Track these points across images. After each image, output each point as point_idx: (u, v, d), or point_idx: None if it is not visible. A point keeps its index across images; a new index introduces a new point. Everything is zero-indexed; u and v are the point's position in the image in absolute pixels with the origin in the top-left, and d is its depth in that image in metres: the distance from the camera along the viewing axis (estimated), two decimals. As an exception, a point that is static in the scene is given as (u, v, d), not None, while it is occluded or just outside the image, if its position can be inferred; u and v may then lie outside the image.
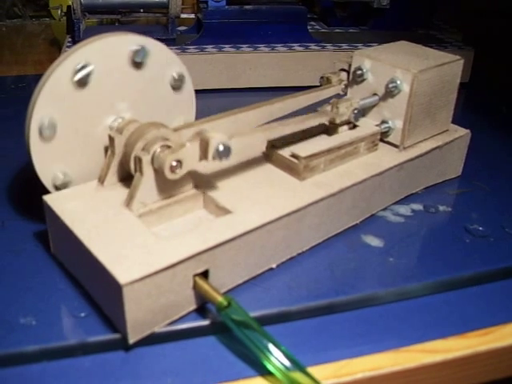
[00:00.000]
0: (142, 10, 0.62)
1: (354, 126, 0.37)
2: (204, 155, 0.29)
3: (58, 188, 0.31)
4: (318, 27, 0.67)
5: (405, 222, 0.36)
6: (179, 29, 0.61)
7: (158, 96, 0.33)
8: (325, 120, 0.35)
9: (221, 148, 0.28)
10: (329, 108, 0.36)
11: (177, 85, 0.34)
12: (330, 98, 0.37)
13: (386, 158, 0.36)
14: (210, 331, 0.27)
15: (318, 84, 0.39)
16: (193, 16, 0.64)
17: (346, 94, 0.39)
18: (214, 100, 0.53)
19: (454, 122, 0.40)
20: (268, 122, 0.34)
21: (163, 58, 0.33)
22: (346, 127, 0.36)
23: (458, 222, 0.37)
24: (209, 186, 0.32)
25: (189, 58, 0.54)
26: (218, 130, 0.32)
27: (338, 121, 0.35)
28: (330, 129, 0.36)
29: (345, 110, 0.35)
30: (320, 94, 0.38)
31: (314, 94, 0.37)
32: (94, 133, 0.31)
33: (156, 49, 0.32)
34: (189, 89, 0.35)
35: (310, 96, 0.37)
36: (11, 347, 0.26)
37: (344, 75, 0.39)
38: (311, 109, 0.36)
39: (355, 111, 0.36)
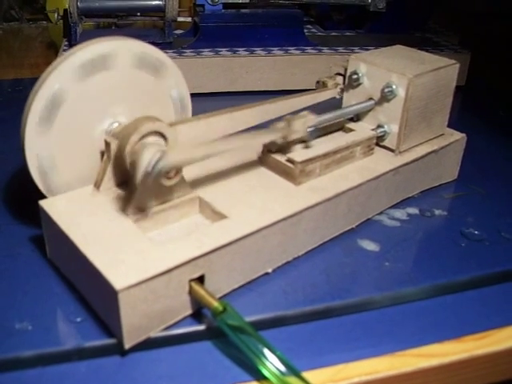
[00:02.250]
0: (138, 14, 0.62)
1: (350, 131, 0.37)
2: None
3: (42, 175, 0.31)
4: (314, 30, 0.67)
5: (401, 226, 0.36)
6: (176, 32, 0.61)
7: (159, 112, 0.33)
8: (277, 137, 0.33)
9: (149, 168, 0.27)
10: (282, 124, 0.33)
11: (178, 106, 0.34)
12: (326, 101, 0.38)
13: (381, 162, 0.36)
14: (205, 336, 0.27)
15: (314, 88, 0.39)
16: (189, 19, 0.64)
17: (341, 98, 0.39)
18: (210, 103, 0.53)
19: (449, 125, 0.40)
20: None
21: (174, 79, 0.33)
22: (299, 146, 0.35)
23: (454, 225, 0.37)
24: (205, 191, 0.32)
25: (185, 61, 0.54)
26: (215, 127, 0.32)
27: (290, 138, 0.33)
28: (283, 147, 0.34)
29: (299, 127, 0.33)
30: (317, 97, 0.38)
31: (310, 95, 0.37)
32: (91, 128, 0.31)
33: (170, 67, 0.33)
34: (169, 65, 0.34)
35: (306, 98, 0.37)
36: (7, 352, 0.26)
37: (340, 79, 0.39)
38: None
39: (310, 129, 0.34)
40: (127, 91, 0.32)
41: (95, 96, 0.31)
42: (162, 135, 0.30)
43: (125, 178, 0.31)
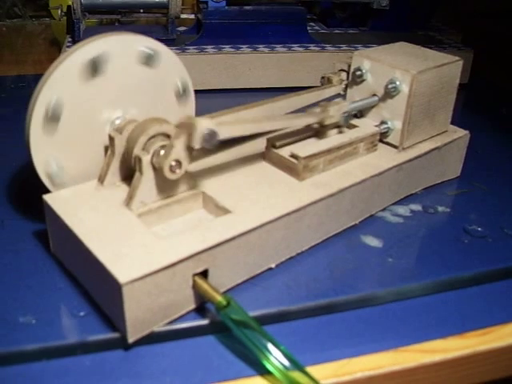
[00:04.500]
0: (141, 11, 0.62)
1: (354, 127, 0.37)
2: (191, 141, 0.28)
3: (50, 178, 0.31)
4: (317, 28, 0.67)
5: (404, 223, 0.36)
6: (179, 29, 0.62)
7: (162, 103, 0.34)
8: (314, 120, 0.35)
9: (206, 132, 0.28)
10: (318, 110, 0.35)
11: (181, 95, 0.34)
12: (331, 97, 0.38)
13: (385, 158, 0.36)
14: (209, 330, 0.28)
15: (318, 85, 0.39)
16: (193, 16, 0.64)
17: (345, 95, 0.39)
18: (213, 100, 0.53)
19: (453, 122, 0.40)
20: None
21: (173, 67, 0.33)
22: (335, 131, 0.36)
23: (457, 222, 0.37)
24: (208, 186, 0.32)
25: (188, 58, 0.54)
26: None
27: (327, 122, 0.35)
28: (319, 131, 0.36)
29: (335, 113, 0.35)
30: (322, 94, 0.38)
31: (315, 93, 0.37)
32: (95, 125, 0.32)
33: (167, 56, 0.33)
34: (191, 102, 0.35)
35: (311, 95, 0.37)
36: (11, 346, 0.26)
37: (344, 75, 0.39)
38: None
39: (345, 114, 0.35)
40: (127, 85, 0.32)
41: (95, 96, 0.31)
42: (169, 137, 0.30)
43: (129, 172, 0.31)
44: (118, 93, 0.32)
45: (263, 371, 0.25)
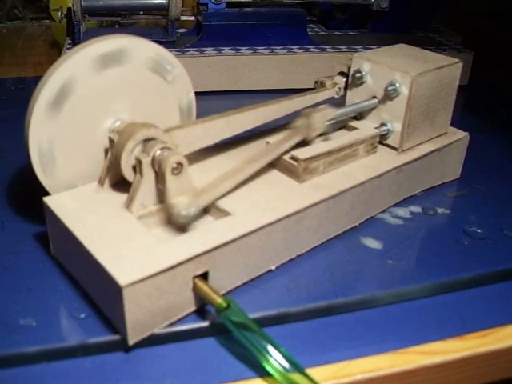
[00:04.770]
0: (141, 13, 0.63)
1: (353, 129, 0.37)
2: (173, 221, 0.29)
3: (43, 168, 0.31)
4: (317, 30, 0.67)
5: (404, 225, 0.36)
6: (179, 31, 0.62)
7: (165, 115, 0.34)
8: (299, 139, 0.34)
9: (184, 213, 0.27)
10: (301, 122, 0.34)
11: (184, 113, 0.34)
12: (325, 101, 0.38)
13: (384, 160, 0.36)
14: (209, 333, 0.28)
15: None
16: (192, 18, 0.64)
17: (343, 97, 0.39)
18: (213, 102, 0.53)
19: (452, 124, 0.40)
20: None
21: (183, 84, 0.33)
22: (320, 138, 0.35)
23: (457, 224, 0.37)
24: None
25: (188, 60, 0.54)
26: (212, 131, 0.32)
27: (311, 137, 0.34)
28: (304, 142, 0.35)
29: (318, 125, 0.34)
30: (315, 97, 0.38)
31: (309, 96, 0.37)
32: (94, 138, 0.32)
33: (180, 72, 0.33)
34: (180, 71, 0.34)
35: (305, 98, 0.37)
36: (11, 348, 0.26)
37: (338, 79, 0.39)
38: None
39: (329, 122, 0.35)
40: (136, 91, 0.32)
41: (104, 91, 0.31)
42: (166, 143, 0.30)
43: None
44: (125, 95, 0.32)
45: (263, 373, 0.25)
